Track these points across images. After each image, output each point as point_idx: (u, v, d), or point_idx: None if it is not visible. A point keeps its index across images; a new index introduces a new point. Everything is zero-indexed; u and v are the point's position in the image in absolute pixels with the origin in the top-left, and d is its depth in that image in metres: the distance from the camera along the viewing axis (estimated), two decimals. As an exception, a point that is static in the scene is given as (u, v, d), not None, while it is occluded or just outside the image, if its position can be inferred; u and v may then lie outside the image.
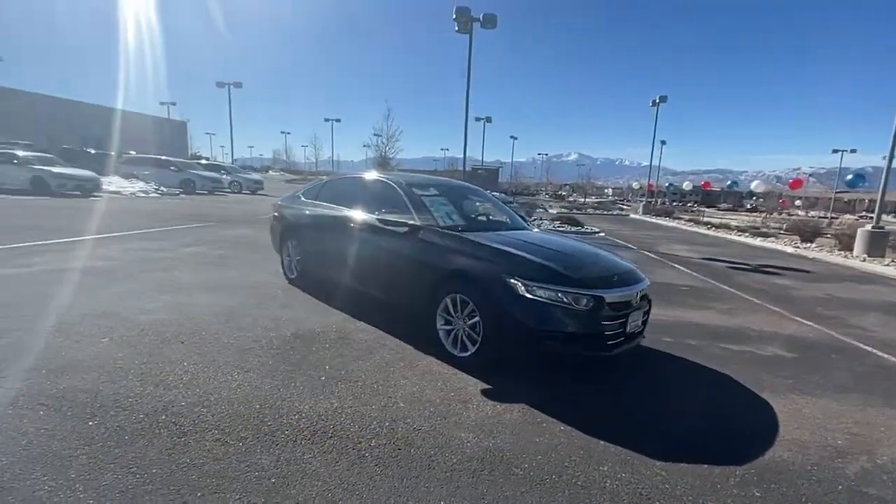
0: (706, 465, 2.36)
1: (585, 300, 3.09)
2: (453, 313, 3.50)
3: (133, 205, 14.29)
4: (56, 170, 15.19)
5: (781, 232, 18.07)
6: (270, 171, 58.89)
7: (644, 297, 3.61)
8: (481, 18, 14.89)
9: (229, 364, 3.14)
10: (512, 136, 61.50)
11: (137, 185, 18.80)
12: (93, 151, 21.94)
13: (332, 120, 58.94)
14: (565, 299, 3.06)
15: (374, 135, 22.62)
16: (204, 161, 33.02)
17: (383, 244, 4.10)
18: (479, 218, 4.83)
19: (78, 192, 15.32)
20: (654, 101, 28.93)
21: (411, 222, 3.89)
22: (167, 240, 8.07)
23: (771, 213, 34.45)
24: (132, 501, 1.82)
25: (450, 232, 3.79)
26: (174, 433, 2.29)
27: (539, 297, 3.07)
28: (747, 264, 10.07)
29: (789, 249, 13.26)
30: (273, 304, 4.63)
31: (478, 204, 5.08)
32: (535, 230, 4.82)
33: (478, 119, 44.24)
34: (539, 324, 3.08)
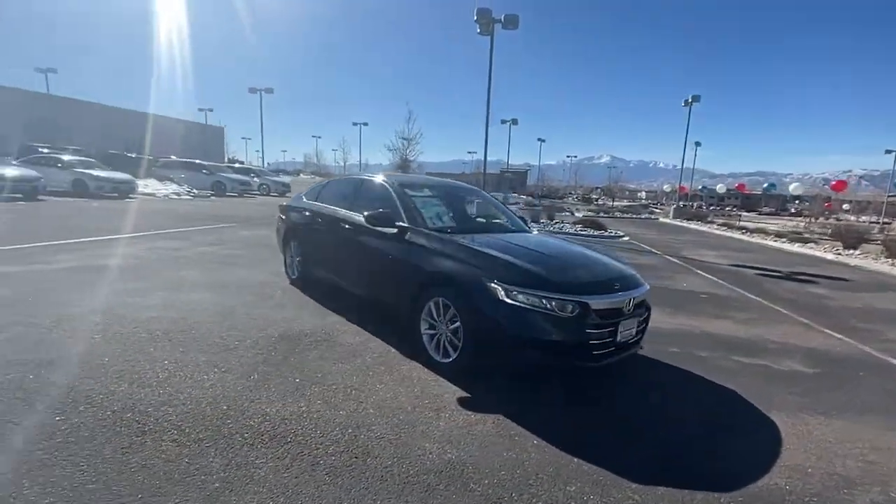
0: (687, 490, 2.16)
1: (571, 306, 2.92)
2: (436, 317, 3.39)
3: (165, 206, 14.90)
4: (95, 173, 16.04)
5: (825, 238, 16.93)
6: (302, 175, 60.34)
7: (640, 305, 3.40)
8: (503, 19, 14.72)
9: (209, 363, 3.15)
10: (539, 139, 60.61)
11: (171, 188, 19.66)
12: (132, 155, 23.17)
13: (360, 124, 59.77)
14: (548, 305, 2.89)
15: (402, 138, 22.80)
16: (237, 165, 34.32)
17: (373, 245, 4.04)
18: (475, 220, 4.70)
19: (115, 194, 16.11)
20: (686, 101, 27.87)
21: (399, 223, 3.81)
22: (188, 239, 8.33)
23: (816, 218, 32.35)
24: (73, 499, 1.81)
25: (436, 234, 3.68)
26: (134, 432, 2.29)
27: (520, 302, 2.92)
28: (779, 271, 9.46)
29: (829, 256, 12.40)
30: (269, 304, 4.65)
31: (475, 206, 4.95)
32: (535, 232, 4.65)
33: (503, 122, 43.76)
34: (519, 330, 2.93)
